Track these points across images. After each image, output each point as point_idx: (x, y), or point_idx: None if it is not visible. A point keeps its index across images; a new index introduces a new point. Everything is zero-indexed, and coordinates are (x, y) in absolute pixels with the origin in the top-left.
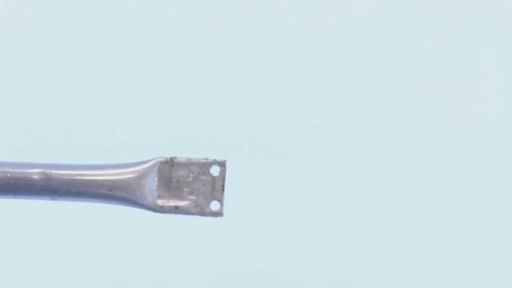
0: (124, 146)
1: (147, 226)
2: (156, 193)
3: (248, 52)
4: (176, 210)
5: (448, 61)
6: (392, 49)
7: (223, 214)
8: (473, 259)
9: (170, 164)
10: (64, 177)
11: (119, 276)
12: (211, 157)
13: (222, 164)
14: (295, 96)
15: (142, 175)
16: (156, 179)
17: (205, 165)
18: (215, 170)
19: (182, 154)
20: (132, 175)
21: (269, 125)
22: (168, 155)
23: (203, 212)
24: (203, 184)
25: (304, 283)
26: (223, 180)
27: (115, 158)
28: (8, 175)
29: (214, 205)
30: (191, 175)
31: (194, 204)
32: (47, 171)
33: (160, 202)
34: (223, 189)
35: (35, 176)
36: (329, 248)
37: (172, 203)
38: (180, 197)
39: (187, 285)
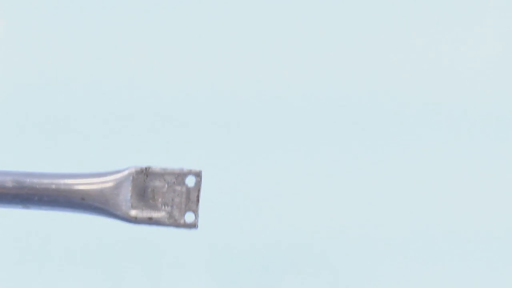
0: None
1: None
2: (130, 204)
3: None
4: (150, 221)
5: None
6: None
7: (197, 226)
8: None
9: (145, 173)
10: (37, 186)
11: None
12: (187, 166)
13: (197, 175)
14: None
15: (116, 185)
16: (130, 189)
17: (180, 175)
18: (190, 181)
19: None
20: (105, 185)
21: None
22: (145, 159)
23: (177, 223)
24: (178, 195)
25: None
26: (199, 190)
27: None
28: None
29: (189, 217)
30: (166, 185)
31: (168, 215)
32: (20, 179)
33: (134, 212)
34: (198, 200)
35: (8, 184)
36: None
37: (146, 214)
38: (154, 208)
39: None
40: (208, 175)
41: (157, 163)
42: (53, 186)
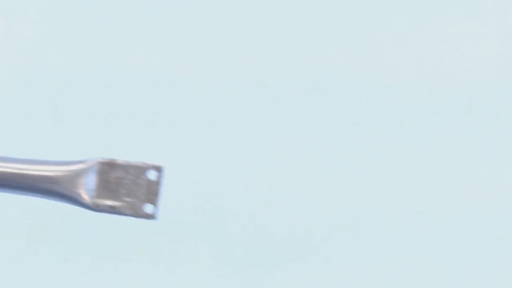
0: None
1: None
2: (94, 192)
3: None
4: (112, 210)
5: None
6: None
7: (156, 217)
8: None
9: (109, 165)
10: (6, 170)
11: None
12: (149, 160)
13: (159, 169)
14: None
15: (82, 174)
16: (94, 178)
17: (143, 169)
18: (152, 174)
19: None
20: (71, 173)
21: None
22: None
23: (137, 214)
24: (140, 187)
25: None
26: (159, 184)
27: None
28: None
29: (149, 208)
30: (129, 177)
31: (129, 205)
32: None
33: (97, 201)
34: (158, 193)
35: None
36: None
37: (108, 202)
38: (116, 198)
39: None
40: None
41: (131, 154)
42: (21, 172)
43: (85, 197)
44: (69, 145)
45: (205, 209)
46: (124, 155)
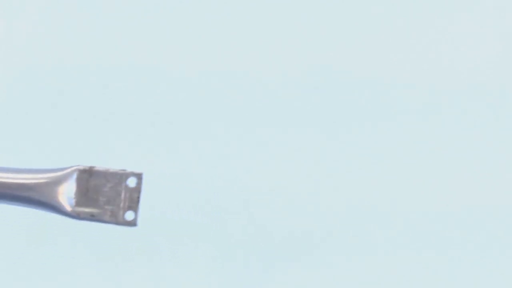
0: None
1: None
2: (73, 200)
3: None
4: (92, 218)
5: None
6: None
7: (137, 224)
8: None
9: (88, 172)
10: None
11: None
12: (129, 168)
13: (139, 176)
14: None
15: (60, 181)
16: (74, 186)
17: (123, 176)
18: (132, 182)
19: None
20: (50, 181)
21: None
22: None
23: (118, 221)
24: (119, 194)
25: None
26: (139, 191)
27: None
28: None
29: (129, 215)
30: (109, 184)
31: (109, 213)
32: None
33: (77, 209)
34: (138, 200)
35: None
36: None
37: (88, 210)
38: (96, 206)
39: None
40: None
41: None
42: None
43: (66, 205)
44: (68, 144)
45: (205, 209)
46: (125, 155)
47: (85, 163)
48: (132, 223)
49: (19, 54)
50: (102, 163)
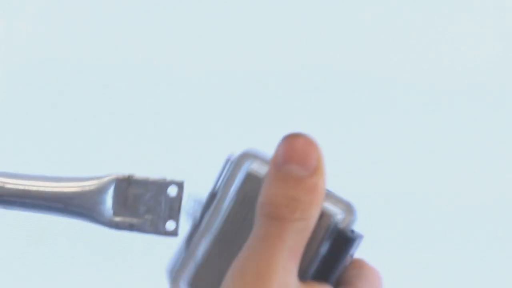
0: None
1: None
2: (112, 210)
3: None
4: (131, 228)
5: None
6: None
7: (178, 234)
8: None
9: (127, 181)
10: (20, 187)
11: None
12: (168, 176)
13: (180, 185)
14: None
15: (99, 191)
16: (112, 195)
17: (163, 185)
18: (172, 190)
19: None
20: (88, 190)
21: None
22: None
23: (158, 231)
24: (160, 204)
25: None
26: (180, 200)
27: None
28: None
29: (170, 225)
30: (148, 193)
31: (149, 223)
32: (2, 180)
33: (115, 219)
34: (179, 209)
35: None
36: None
37: (128, 220)
38: (136, 215)
39: None
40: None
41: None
42: (35, 189)
43: (105, 215)
44: (68, 144)
45: None
46: (124, 155)
47: (86, 163)
48: (174, 233)
49: (19, 54)
50: (102, 163)
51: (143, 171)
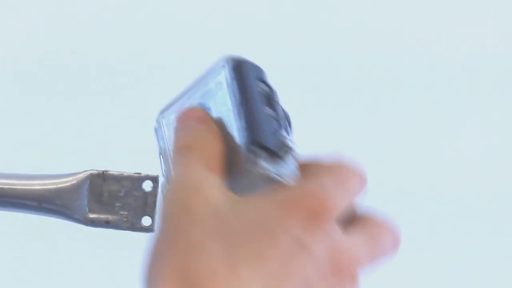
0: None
1: None
2: (87, 207)
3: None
4: (107, 224)
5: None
6: None
7: (154, 230)
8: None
9: (102, 177)
10: None
11: None
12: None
13: (154, 180)
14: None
15: (73, 188)
16: (87, 192)
17: (138, 180)
18: (147, 185)
19: None
20: (62, 187)
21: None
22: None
23: (134, 227)
24: (135, 199)
25: None
26: (156, 195)
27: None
28: None
29: (146, 221)
30: (123, 189)
31: (125, 219)
32: None
33: (91, 216)
34: (155, 205)
35: None
36: None
37: (103, 217)
38: (111, 212)
39: None
40: None
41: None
42: (9, 187)
43: (80, 212)
44: (68, 144)
45: None
46: (124, 155)
47: (85, 163)
48: (150, 229)
49: (19, 54)
50: (102, 163)
51: (130, 167)
